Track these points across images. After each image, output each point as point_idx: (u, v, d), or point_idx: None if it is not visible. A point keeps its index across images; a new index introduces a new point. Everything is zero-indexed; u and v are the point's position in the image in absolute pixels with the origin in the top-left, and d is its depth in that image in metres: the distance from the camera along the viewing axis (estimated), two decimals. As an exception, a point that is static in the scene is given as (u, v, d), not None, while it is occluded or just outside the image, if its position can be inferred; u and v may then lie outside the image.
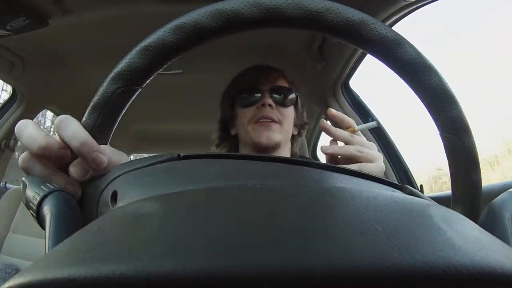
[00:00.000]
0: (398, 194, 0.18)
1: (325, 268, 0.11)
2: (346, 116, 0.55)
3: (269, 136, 0.72)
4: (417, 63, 0.24)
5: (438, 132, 0.26)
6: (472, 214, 0.26)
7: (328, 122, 0.54)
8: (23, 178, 0.25)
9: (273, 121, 0.73)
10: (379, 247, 0.12)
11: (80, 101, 0.95)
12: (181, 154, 0.26)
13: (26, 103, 1.29)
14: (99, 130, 0.27)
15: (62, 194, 0.23)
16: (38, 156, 0.26)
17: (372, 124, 0.56)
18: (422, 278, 0.11)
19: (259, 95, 0.74)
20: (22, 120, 0.27)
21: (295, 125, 0.79)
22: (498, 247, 0.14)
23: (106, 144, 0.28)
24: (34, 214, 0.23)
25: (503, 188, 0.64)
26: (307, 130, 0.87)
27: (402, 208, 0.16)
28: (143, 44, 0.25)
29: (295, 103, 0.78)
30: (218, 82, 1.28)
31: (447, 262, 0.12)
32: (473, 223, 0.17)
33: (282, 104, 0.75)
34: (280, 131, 0.73)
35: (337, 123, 0.55)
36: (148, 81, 0.27)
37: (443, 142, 0.26)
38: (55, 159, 0.26)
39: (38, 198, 0.22)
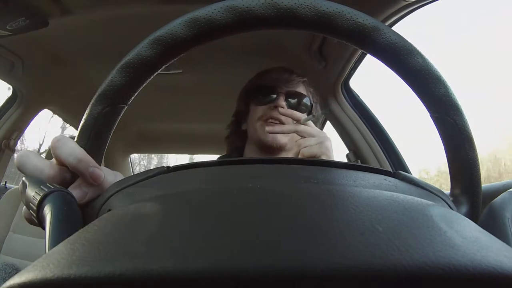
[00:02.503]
0: (399, 194, 0.18)
1: (325, 268, 0.11)
2: (293, 112, 0.65)
3: (275, 136, 0.72)
4: (398, 47, 0.24)
5: (428, 114, 0.26)
6: (472, 193, 0.26)
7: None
8: (23, 178, 0.25)
9: (282, 123, 0.72)
10: (379, 247, 0.12)
11: (80, 101, 0.95)
12: (170, 166, 0.26)
13: (26, 103, 1.29)
14: (91, 151, 0.27)
15: (62, 194, 0.23)
16: None
17: (309, 117, 0.67)
18: (422, 278, 0.11)
19: (274, 96, 0.74)
20: (22, 152, 0.28)
21: None
22: (498, 247, 0.14)
23: (100, 163, 0.28)
24: (34, 214, 0.23)
25: (503, 188, 0.64)
26: None
27: (402, 208, 0.16)
28: (122, 62, 0.25)
29: (309, 112, 0.77)
30: (218, 82, 1.28)
31: (447, 262, 0.12)
32: (473, 223, 0.17)
33: (295, 109, 0.74)
34: (287, 134, 0.73)
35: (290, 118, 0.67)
36: (133, 98, 0.27)
37: (434, 123, 0.26)
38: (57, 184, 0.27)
39: (38, 198, 0.22)
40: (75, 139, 0.27)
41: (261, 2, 0.23)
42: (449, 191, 0.28)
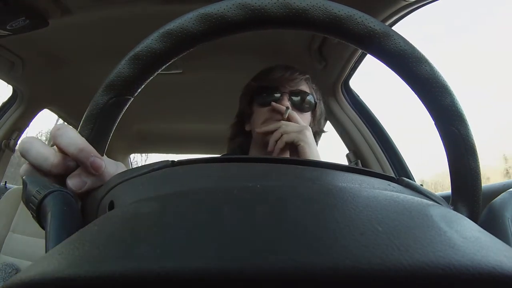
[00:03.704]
0: (399, 194, 0.17)
1: (325, 268, 0.11)
2: (274, 104, 0.71)
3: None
4: (406, 54, 0.24)
5: (433, 122, 0.26)
6: (473, 204, 0.26)
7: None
8: (23, 178, 0.25)
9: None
10: (379, 247, 0.12)
11: (80, 101, 0.95)
12: (175, 161, 0.26)
13: (26, 103, 1.29)
14: (94, 141, 0.27)
15: (62, 194, 0.23)
16: (47, 172, 0.26)
17: (288, 110, 0.72)
18: (422, 278, 0.11)
19: (278, 96, 0.73)
20: (26, 138, 0.27)
21: None
22: (498, 247, 0.14)
23: (103, 154, 0.28)
24: (34, 214, 0.23)
25: (503, 188, 0.64)
26: None
27: (402, 208, 0.16)
28: (131, 53, 0.25)
29: (313, 109, 0.77)
30: (218, 82, 1.28)
31: (447, 262, 0.12)
32: (473, 223, 0.17)
33: (300, 108, 0.74)
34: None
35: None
36: (139, 90, 0.27)
37: (438, 132, 0.26)
38: (61, 173, 0.27)
39: (39, 198, 0.22)
40: (78, 129, 0.27)
41: (273, 1, 0.23)
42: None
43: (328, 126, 1.26)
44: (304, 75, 0.76)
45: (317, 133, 0.83)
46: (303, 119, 0.75)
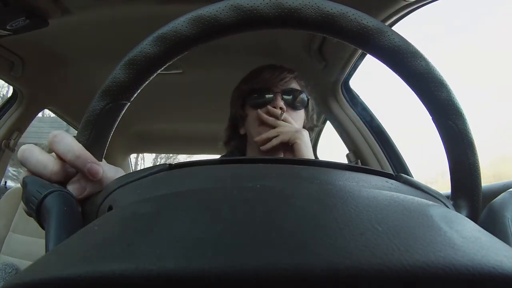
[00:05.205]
0: (399, 194, 0.18)
1: (325, 268, 0.11)
2: (274, 110, 0.72)
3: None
4: (401, 49, 0.24)
5: (430, 118, 0.26)
6: (473, 200, 0.26)
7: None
8: (23, 178, 0.25)
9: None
10: (379, 247, 0.12)
11: (80, 101, 0.95)
12: (172, 164, 0.26)
13: (26, 103, 1.29)
14: (92, 147, 0.27)
15: (62, 194, 0.23)
16: (48, 180, 0.26)
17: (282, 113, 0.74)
18: (422, 278, 0.11)
19: (271, 95, 0.74)
20: (25, 146, 0.28)
21: (303, 128, 0.79)
22: (498, 247, 0.14)
23: (101, 159, 0.28)
24: (34, 214, 0.23)
25: (503, 188, 0.63)
26: None
27: (402, 208, 0.16)
28: (126, 58, 0.25)
29: (305, 106, 0.78)
30: (218, 82, 1.28)
31: (447, 262, 0.12)
32: (473, 223, 0.17)
33: (293, 106, 0.75)
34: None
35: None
36: (136, 95, 0.27)
37: (436, 127, 0.26)
38: (61, 180, 0.27)
39: (39, 198, 0.22)
40: (76, 135, 0.27)
41: (265, 2, 0.23)
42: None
43: (328, 126, 1.26)
44: (293, 73, 0.77)
45: (311, 129, 0.83)
46: (297, 116, 0.75)
